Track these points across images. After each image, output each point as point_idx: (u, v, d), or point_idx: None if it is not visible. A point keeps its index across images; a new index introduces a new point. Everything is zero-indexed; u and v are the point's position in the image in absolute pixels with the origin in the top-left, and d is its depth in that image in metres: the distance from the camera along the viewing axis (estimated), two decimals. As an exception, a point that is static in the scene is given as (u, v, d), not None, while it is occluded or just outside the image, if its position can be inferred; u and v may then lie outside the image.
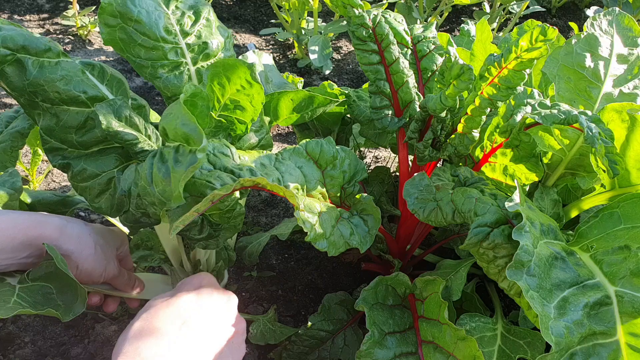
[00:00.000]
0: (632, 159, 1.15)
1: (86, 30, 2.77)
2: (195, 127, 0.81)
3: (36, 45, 0.97)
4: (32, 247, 0.96)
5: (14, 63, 0.96)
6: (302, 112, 1.43)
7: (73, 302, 0.99)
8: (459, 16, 3.41)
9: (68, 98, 1.00)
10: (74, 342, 1.39)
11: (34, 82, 0.97)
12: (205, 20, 1.17)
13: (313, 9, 2.62)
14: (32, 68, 0.97)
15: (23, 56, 0.96)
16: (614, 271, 0.88)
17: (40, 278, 1.00)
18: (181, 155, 0.84)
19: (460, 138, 1.22)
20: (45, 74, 0.97)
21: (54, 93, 0.98)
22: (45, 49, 0.98)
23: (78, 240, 1.00)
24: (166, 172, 0.85)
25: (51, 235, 0.96)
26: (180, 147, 0.85)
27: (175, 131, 0.84)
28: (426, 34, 1.44)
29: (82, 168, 1.04)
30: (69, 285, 0.99)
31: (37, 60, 0.97)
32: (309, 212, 0.98)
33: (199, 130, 0.81)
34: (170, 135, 0.86)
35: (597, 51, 1.42)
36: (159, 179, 0.86)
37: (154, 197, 0.89)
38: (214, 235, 1.07)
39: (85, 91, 1.01)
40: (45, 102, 0.99)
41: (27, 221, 0.96)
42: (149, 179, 0.89)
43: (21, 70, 0.96)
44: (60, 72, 0.99)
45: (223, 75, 1.02)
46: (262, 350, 1.40)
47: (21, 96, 0.99)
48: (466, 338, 1.02)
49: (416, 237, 1.45)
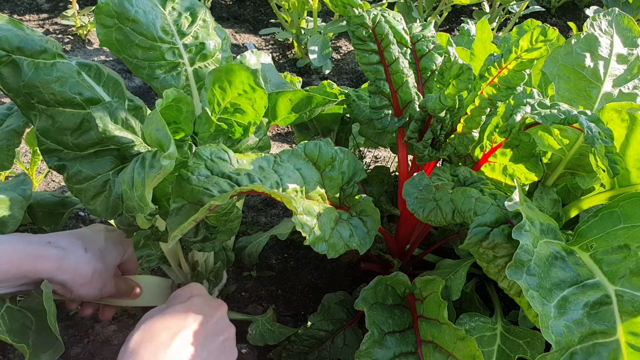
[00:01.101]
0: (631, 159, 1.15)
1: (86, 30, 2.77)
2: (165, 134, 0.81)
3: (31, 46, 0.97)
4: (27, 278, 0.96)
5: (10, 64, 0.95)
6: (301, 112, 1.42)
7: (45, 349, 0.98)
8: (458, 16, 3.41)
9: (63, 100, 0.99)
10: (74, 341, 1.39)
11: (30, 83, 0.96)
12: (202, 21, 1.16)
13: (312, 8, 2.62)
14: (28, 69, 0.96)
15: (18, 57, 0.96)
16: (614, 270, 0.88)
17: (27, 308, 1.00)
18: (156, 161, 0.84)
19: (459, 138, 1.22)
20: (40, 76, 0.97)
21: (49, 95, 0.98)
22: (41, 50, 0.98)
23: (74, 272, 1.00)
24: (143, 177, 0.85)
25: (46, 269, 0.96)
26: (157, 153, 0.85)
27: (151, 136, 0.85)
28: (425, 33, 1.44)
29: (78, 170, 1.03)
30: (49, 332, 0.98)
31: (32, 62, 0.97)
32: (308, 215, 0.98)
33: (169, 137, 0.80)
34: (147, 140, 0.87)
35: (597, 51, 1.42)
36: (138, 183, 0.86)
37: (134, 202, 0.89)
38: (210, 237, 1.07)
39: (80, 93, 1.01)
40: (40, 104, 0.99)
41: (22, 255, 0.93)
42: (130, 183, 0.89)
43: (16, 71, 0.96)
44: (55, 73, 0.99)
45: (225, 79, 1.02)
46: (261, 350, 1.40)
47: (17, 97, 0.98)
48: (466, 338, 1.02)
49: (416, 237, 1.45)
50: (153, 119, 0.85)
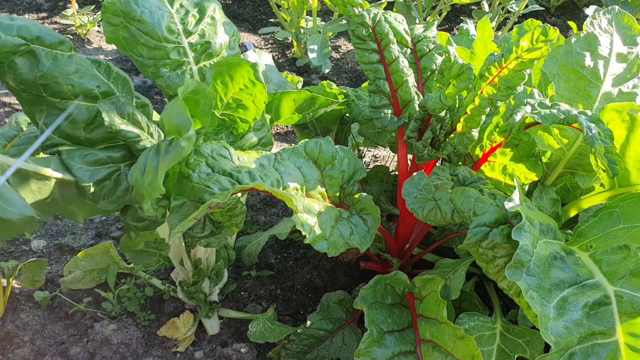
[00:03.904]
0: (631, 159, 1.15)
1: (85, 30, 2.76)
2: (187, 119, 0.82)
3: (50, 37, 0.97)
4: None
5: (26, 54, 0.95)
6: (304, 113, 1.43)
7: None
8: (457, 15, 3.41)
9: (81, 91, 1.00)
10: (73, 341, 1.39)
11: (47, 74, 0.96)
12: (209, 18, 1.17)
13: (312, 8, 2.62)
14: (46, 60, 0.96)
15: (37, 47, 0.95)
16: (613, 271, 0.88)
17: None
18: (172, 147, 0.84)
19: (459, 137, 1.22)
20: (59, 66, 0.97)
21: (67, 86, 0.98)
22: (59, 41, 0.98)
23: None
24: (157, 163, 0.86)
25: None
26: (174, 140, 0.86)
27: (170, 123, 0.85)
28: (426, 33, 1.44)
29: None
30: None
31: (50, 52, 0.96)
32: (308, 214, 0.98)
33: (189, 121, 0.81)
34: (166, 126, 0.87)
35: (597, 50, 1.42)
36: (150, 169, 0.87)
37: (142, 189, 0.89)
38: (215, 232, 1.07)
39: (98, 85, 1.02)
40: (54, 97, 0.99)
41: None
42: (142, 170, 0.90)
43: (33, 62, 0.95)
44: (74, 65, 0.99)
45: (226, 74, 1.03)
46: (260, 349, 1.40)
47: (25, 91, 0.98)
48: (465, 337, 1.02)
49: (415, 236, 1.45)
50: (174, 106, 0.86)
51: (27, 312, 1.44)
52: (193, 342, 1.42)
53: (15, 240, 1.66)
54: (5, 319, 1.41)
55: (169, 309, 1.49)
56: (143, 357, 1.37)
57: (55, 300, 1.49)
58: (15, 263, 1.43)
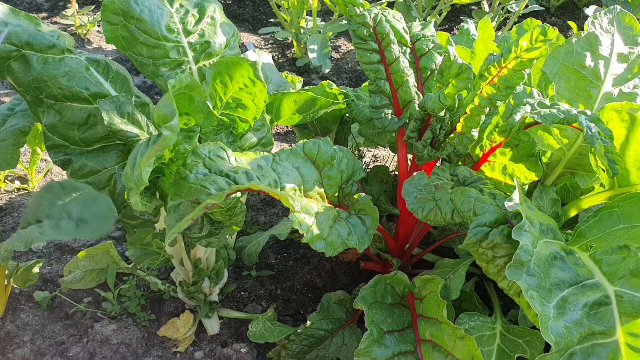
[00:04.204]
0: (631, 159, 1.15)
1: (85, 29, 2.76)
2: (173, 109, 0.83)
3: (40, 41, 0.99)
4: None
5: (19, 59, 0.97)
6: (305, 114, 1.43)
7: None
8: (457, 15, 3.41)
9: (70, 94, 1.01)
10: (73, 341, 1.39)
11: (38, 77, 0.98)
12: (209, 18, 1.17)
13: (312, 8, 2.62)
14: (37, 64, 0.98)
15: (28, 52, 0.98)
16: (613, 271, 0.88)
17: None
18: (158, 136, 0.85)
19: (459, 137, 1.22)
20: (48, 70, 0.99)
21: (57, 89, 1.00)
22: (50, 45, 1.00)
23: None
24: (144, 154, 0.86)
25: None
26: (160, 132, 0.86)
27: (158, 114, 0.86)
28: (425, 32, 1.44)
29: (83, 164, 1.05)
30: None
31: (41, 57, 0.98)
32: (306, 213, 0.98)
33: (175, 111, 0.82)
34: (155, 118, 0.88)
35: (598, 50, 1.42)
36: (139, 162, 0.87)
37: (132, 182, 0.90)
38: (214, 233, 1.08)
39: (87, 87, 1.02)
40: (49, 98, 1.01)
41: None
42: (132, 164, 0.90)
43: (26, 66, 0.98)
44: (63, 68, 1.01)
45: (226, 73, 1.03)
46: (260, 349, 1.40)
47: (27, 93, 1.00)
48: (465, 337, 1.02)
49: (415, 236, 1.45)
50: (164, 99, 0.87)
51: (27, 312, 1.44)
52: (193, 342, 1.42)
53: (15, 240, 1.66)
54: (5, 318, 1.41)
55: (169, 309, 1.49)
56: (143, 357, 1.37)
57: (55, 300, 1.49)
58: (15, 263, 1.43)
